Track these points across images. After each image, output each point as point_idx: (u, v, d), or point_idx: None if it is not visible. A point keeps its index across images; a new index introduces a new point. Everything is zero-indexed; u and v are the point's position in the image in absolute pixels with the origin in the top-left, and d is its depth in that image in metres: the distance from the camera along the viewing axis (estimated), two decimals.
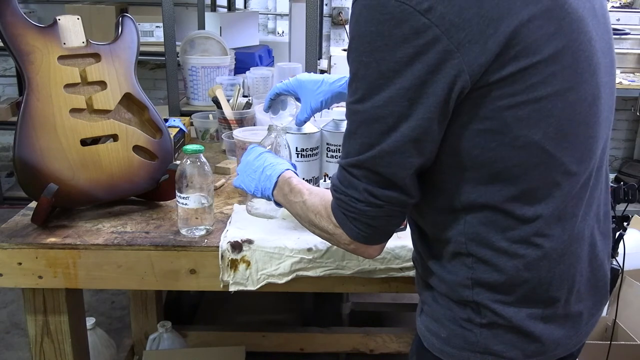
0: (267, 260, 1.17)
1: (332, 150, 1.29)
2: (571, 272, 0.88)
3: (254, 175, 1.10)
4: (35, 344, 1.26)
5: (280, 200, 1.05)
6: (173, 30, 2.20)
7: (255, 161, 1.11)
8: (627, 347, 1.87)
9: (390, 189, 0.82)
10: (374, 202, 0.82)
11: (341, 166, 0.86)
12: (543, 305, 0.87)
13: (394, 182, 0.81)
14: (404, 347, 2.18)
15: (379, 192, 0.82)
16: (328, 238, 0.93)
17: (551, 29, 0.77)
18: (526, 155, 0.80)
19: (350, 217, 0.85)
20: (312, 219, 0.94)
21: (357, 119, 0.81)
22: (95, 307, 2.68)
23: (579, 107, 0.82)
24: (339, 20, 4.34)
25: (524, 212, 0.82)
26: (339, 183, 0.86)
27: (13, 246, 1.17)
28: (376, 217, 0.84)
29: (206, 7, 3.28)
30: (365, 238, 0.87)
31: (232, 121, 1.81)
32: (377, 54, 0.76)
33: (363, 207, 0.83)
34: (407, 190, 0.83)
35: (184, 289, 1.24)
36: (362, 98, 0.79)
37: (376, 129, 0.79)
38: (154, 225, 1.27)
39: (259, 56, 2.85)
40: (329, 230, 0.91)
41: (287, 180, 1.03)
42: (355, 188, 0.83)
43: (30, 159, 1.18)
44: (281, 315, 2.56)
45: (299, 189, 0.99)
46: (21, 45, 1.19)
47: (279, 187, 1.04)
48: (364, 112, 0.80)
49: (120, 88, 1.29)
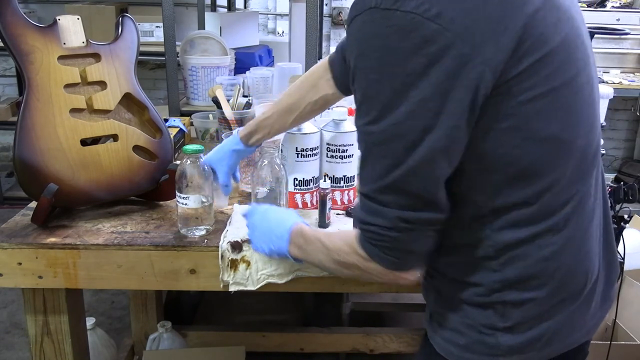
0: (267, 260, 1.17)
1: (332, 150, 1.29)
2: (591, 255, 0.89)
3: (264, 238, 1.07)
4: (35, 344, 1.26)
5: (297, 255, 1.01)
6: (173, 30, 2.20)
7: (262, 223, 1.09)
8: (627, 347, 1.87)
9: (422, 209, 0.78)
10: (406, 227, 0.78)
11: (363, 195, 0.81)
12: (569, 293, 0.87)
13: (425, 200, 0.78)
14: (404, 347, 2.18)
15: (410, 216, 0.78)
16: (359, 275, 0.89)
17: (554, 19, 0.78)
18: (548, 147, 0.79)
19: (381, 246, 0.81)
20: (336, 259, 0.90)
21: (373, 141, 0.77)
22: (95, 307, 2.68)
23: (584, 91, 0.83)
24: (339, 20, 4.34)
25: (551, 203, 0.82)
26: (364, 214, 0.81)
27: (13, 246, 1.17)
28: (410, 241, 0.80)
29: (206, 7, 3.28)
30: (403, 265, 0.83)
31: (232, 121, 1.81)
32: (387, 69, 0.73)
33: (394, 234, 0.79)
34: (438, 206, 0.79)
35: (184, 289, 1.24)
36: (377, 118, 0.75)
37: (398, 146, 0.75)
38: (154, 225, 1.27)
39: (259, 56, 2.85)
40: (358, 265, 0.86)
41: (299, 232, 1.00)
42: (383, 216, 0.79)
43: (30, 159, 1.18)
44: (281, 315, 2.55)
45: (316, 237, 0.96)
46: (21, 45, 1.19)
47: (293, 243, 1.01)
48: (382, 132, 0.75)
49: (120, 88, 1.29)
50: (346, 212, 1.32)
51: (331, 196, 1.26)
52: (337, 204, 1.33)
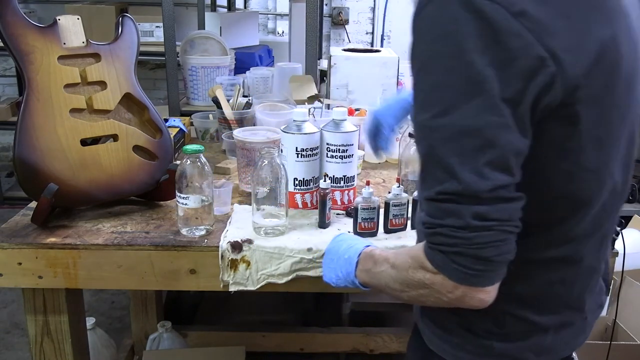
0: (267, 260, 1.17)
1: (332, 150, 1.29)
2: (595, 277, 0.90)
3: (333, 265, 1.01)
4: (35, 344, 1.26)
5: (365, 279, 0.93)
6: (173, 30, 2.20)
7: (334, 249, 1.03)
8: (627, 347, 1.87)
9: (498, 202, 0.70)
10: (481, 225, 0.70)
11: (428, 199, 0.74)
12: (569, 312, 0.88)
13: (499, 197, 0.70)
14: (404, 347, 2.16)
15: (486, 210, 0.70)
16: (426, 294, 0.78)
17: (630, 49, 0.76)
18: (592, 178, 0.78)
19: (451, 253, 0.72)
20: (403, 278, 0.81)
21: (440, 136, 0.70)
22: (95, 307, 2.68)
23: (633, 128, 0.82)
24: (339, 20, 4.34)
25: (575, 232, 0.82)
26: (430, 218, 0.73)
27: (13, 246, 1.17)
28: (485, 244, 0.71)
29: (206, 7, 3.28)
30: (475, 277, 0.73)
31: (232, 121, 1.81)
32: (465, 56, 0.67)
33: (468, 234, 0.70)
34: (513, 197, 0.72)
35: (184, 289, 1.24)
36: (446, 110, 0.69)
37: (468, 144, 0.69)
38: (154, 225, 1.27)
39: (259, 56, 2.85)
40: (425, 282, 0.77)
41: (368, 255, 0.93)
42: (455, 215, 0.71)
43: (30, 159, 1.18)
44: (281, 315, 2.55)
45: (384, 257, 0.88)
46: (21, 45, 1.19)
47: (361, 266, 0.94)
48: (450, 126, 0.69)
49: (120, 88, 1.29)
50: (346, 212, 1.32)
51: (331, 196, 1.26)
52: (337, 204, 1.32)
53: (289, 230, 1.23)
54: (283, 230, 1.22)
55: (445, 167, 0.70)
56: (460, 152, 0.69)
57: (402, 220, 1.23)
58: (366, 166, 1.67)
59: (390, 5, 4.35)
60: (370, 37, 4.43)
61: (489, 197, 0.70)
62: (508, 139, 0.69)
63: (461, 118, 0.69)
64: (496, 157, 0.69)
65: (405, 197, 1.22)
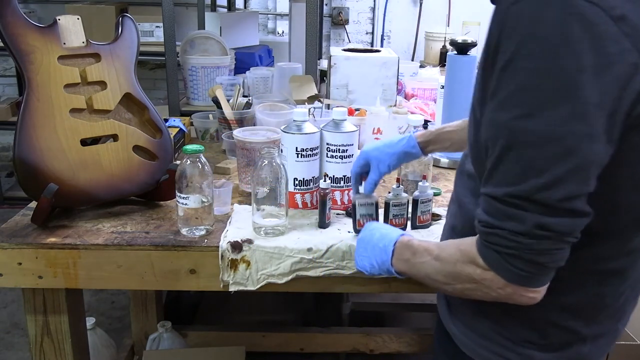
0: (267, 260, 1.17)
1: (332, 150, 1.29)
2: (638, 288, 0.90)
3: (366, 253, 1.01)
4: (35, 344, 1.26)
5: (402, 269, 0.93)
6: (173, 30, 2.20)
7: (366, 237, 1.03)
8: (627, 347, 1.87)
9: (564, 215, 0.69)
10: (542, 234, 0.70)
11: (492, 197, 0.73)
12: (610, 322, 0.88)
13: (569, 209, 0.69)
14: (404, 347, 2.18)
15: (551, 223, 0.69)
16: (473, 288, 0.79)
17: None
18: None
19: (507, 254, 0.72)
20: (449, 271, 0.82)
21: (520, 139, 0.68)
22: (95, 307, 2.68)
23: None
24: (339, 20, 4.34)
25: (633, 246, 0.81)
26: (490, 217, 0.73)
27: (13, 246, 1.17)
28: (542, 251, 0.71)
29: (206, 7, 3.28)
30: (527, 279, 0.73)
31: (232, 121, 1.81)
32: (560, 59, 0.64)
33: (526, 241, 0.70)
34: (582, 211, 0.70)
35: (184, 289, 1.24)
36: (530, 113, 0.67)
37: (548, 151, 0.67)
38: (154, 225, 1.27)
39: (259, 56, 2.85)
40: (474, 277, 0.77)
41: (406, 244, 0.92)
42: (517, 220, 0.70)
43: (30, 159, 1.18)
44: (281, 315, 2.55)
45: (425, 247, 0.88)
46: (21, 45, 1.19)
47: (398, 255, 0.93)
48: (533, 130, 0.67)
49: (120, 88, 1.29)
50: (346, 212, 1.32)
51: (331, 196, 1.26)
52: (337, 204, 1.32)
53: (289, 230, 1.23)
54: (283, 230, 1.22)
55: (520, 169, 0.69)
56: (540, 158, 0.67)
57: (402, 220, 1.23)
58: None
59: (390, 5, 4.35)
60: (370, 37, 4.43)
61: (557, 206, 0.69)
62: (591, 150, 0.67)
63: (547, 123, 0.66)
64: (575, 167, 0.67)
65: (405, 197, 1.22)
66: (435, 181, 1.56)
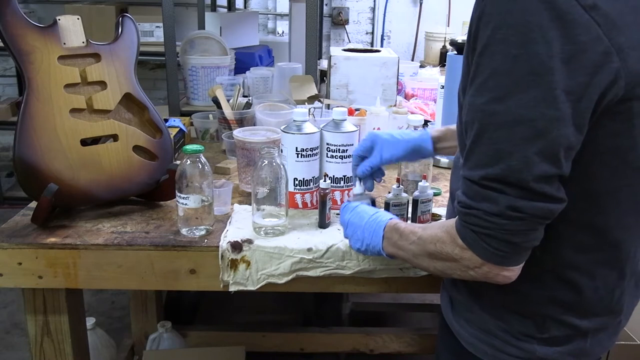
0: (267, 260, 1.17)
1: (332, 150, 1.29)
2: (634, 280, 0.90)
3: (358, 236, 1.04)
4: (35, 344, 1.26)
5: (391, 251, 0.97)
6: (173, 30, 2.20)
7: (355, 220, 1.05)
8: (627, 347, 1.87)
9: (537, 199, 0.72)
10: (515, 215, 0.72)
11: (469, 179, 0.76)
12: (608, 316, 0.88)
13: (540, 192, 0.71)
14: (404, 347, 2.18)
15: (524, 205, 0.72)
16: (453, 267, 0.82)
17: None
18: (638, 178, 0.78)
19: (483, 234, 0.75)
20: (430, 250, 0.85)
21: (493, 121, 0.71)
22: (95, 307, 2.68)
23: None
24: (339, 20, 4.34)
25: (616, 236, 0.82)
26: (467, 199, 0.76)
27: (13, 246, 1.17)
28: (516, 231, 0.74)
29: (206, 7, 3.28)
30: (501, 258, 0.76)
31: (232, 121, 1.81)
32: (531, 46, 0.67)
33: (500, 221, 0.73)
34: (554, 197, 0.73)
35: (184, 289, 1.24)
36: (502, 96, 0.70)
37: (518, 133, 0.69)
38: (154, 225, 1.27)
39: (259, 56, 2.85)
40: (453, 255, 0.80)
41: (394, 227, 0.96)
42: (492, 201, 0.73)
43: (30, 159, 1.18)
44: (281, 315, 2.55)
45: (411, 230, 0.92)
46: (21, 45, 1.19)
47: (387, 239, 0.97)
48: (505, 113, 0.70)
49: (120, 88, 1.29)
50: None
51: (331, 196, 1.26)
52: (337, 204, 1.32)
53: (289, 230, 1.23)
54: (283, 230, 1.22)
55: (493, 152, 0.72)
56: (510, 140, 0.70)
57: None
58: None
59: (390, 5, 4.35)
60: (370, 37, 4.43)
61: (530, 189, 0.71)
62: (561, 133, 0.69)
63: (517, 107, 0.69)
64: (545, 148, 0.70)
65: (405, 197, 1.22)
66: (435, 181, 1.56)
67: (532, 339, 0.87)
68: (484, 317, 0.90)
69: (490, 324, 0.89)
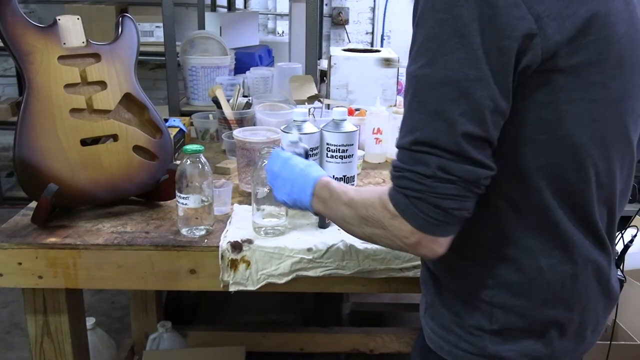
0: (267, 260, 1.17)
1: (332, 150, 1.29)
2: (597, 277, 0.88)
3: (286, 189, 1.01)
4: (35, 344, 1.26)
5: (320, 209, 0.96)
6: (173, 30, 2.20)
7: (284, 172, 1.02)
8: (627, 347, 1.87)
9: (466, 162, 0.73)
10: (446, 177, 0.73)
11: (401, 148, 0.77)
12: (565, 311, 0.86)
13: (469, 156, 0.73)
14: (404, 347, 2.18)
15: (453, 167, 0.73)
16: (381, 235, 0.81)
17: (621, 30, 0.76)
18: (569, 156, 0.78)
19: (414, 197, 0.75)
20: (362, 214, 0.83)
21: (422, 85, 0.73)
22: (95, 307, 2.68)
23: (626, 120, 0.81)
24: (339, 20, 4.34)
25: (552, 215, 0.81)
26: (401, 163, 0.76)
27: (13, 246, 1.17)
28: (446, 195, 0.73)
29: (206, 7, 3.28)
30: (432, 225, 0.75)
31: (232, 121, 1.81)
32: (456, 9, 0.70)
33: (432, 183, 0.73)
34: (482, 163, 0.74)
35: (184, 289, 1.24)
36: (431, 60, 0.72)
37: (445, 94, 0.72)
38: (154, 225, 1.27)
39: (259, 56, 2.85)
40: (384, 222, 0.79)
41: (325, 185, 0.94)
42: (424, 164, 0.73)
43: (30, 159, 1.18)
44: (281, 315, 2.55)
45: (342, 190, 0.90)
46: (21, 45, 1.19)
47: (317, 196, 0.95)
48: (433, 75, 0.72)
49: (120, 88, 1.29)
50: None
51: None
52: None
53: (289, 230, 1.23)
54: (283, 230, 1.22)
55: (423, 115, 0.73)
56: (436, 102, 0.72)
57: None
58: (366, 166, 1.67)
59: (390, 5, 4.35)
60: (370, 37, 4.43)
61: (459, 149, 0.72)
62: (484, 94, 0.71)
63: (442, 69, 0.71)
64: (470, 109, 0.71)
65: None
66: None
67: (482, 332, 0.86)
68: (443, 313, 0.90)
69: (447, 320, 0.89)
